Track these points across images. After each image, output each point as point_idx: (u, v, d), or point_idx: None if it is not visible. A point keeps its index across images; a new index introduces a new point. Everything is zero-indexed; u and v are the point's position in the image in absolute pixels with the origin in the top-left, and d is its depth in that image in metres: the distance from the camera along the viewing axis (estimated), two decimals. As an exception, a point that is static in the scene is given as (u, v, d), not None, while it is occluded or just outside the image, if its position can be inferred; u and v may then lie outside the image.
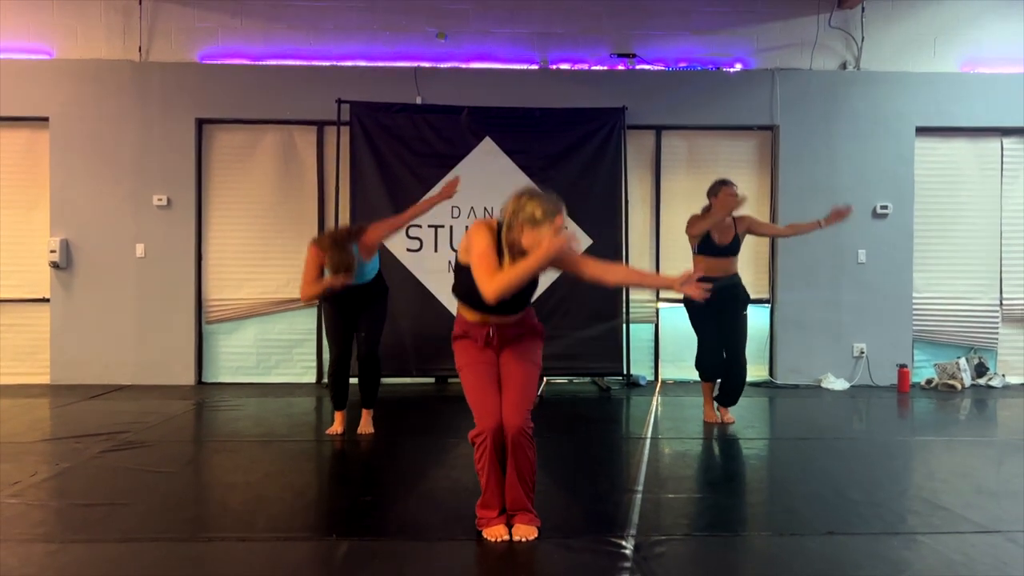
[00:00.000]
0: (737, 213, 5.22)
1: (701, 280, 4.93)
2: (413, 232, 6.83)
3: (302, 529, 3.07)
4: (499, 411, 2.95)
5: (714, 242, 5.15)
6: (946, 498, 3.52)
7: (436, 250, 6.89)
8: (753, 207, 7.20)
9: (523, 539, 2.91)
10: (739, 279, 5.28)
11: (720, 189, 5.11)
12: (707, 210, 5.18)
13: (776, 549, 2.90)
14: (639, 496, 3.49)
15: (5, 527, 3.04)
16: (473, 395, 3.01)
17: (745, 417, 5.52)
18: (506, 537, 2.92)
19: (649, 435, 4.91)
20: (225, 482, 3.80)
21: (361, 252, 4.63)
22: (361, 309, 4.87)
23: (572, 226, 6.93)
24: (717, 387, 5.34)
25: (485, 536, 2.94)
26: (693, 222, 5.16)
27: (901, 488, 3.70)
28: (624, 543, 2.87)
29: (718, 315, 5.10)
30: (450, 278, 6.83)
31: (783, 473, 4.15)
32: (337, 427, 4.91)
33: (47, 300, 6.92)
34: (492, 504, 3.00)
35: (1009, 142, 7.28)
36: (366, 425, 4.98)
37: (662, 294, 7.16)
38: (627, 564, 2.67)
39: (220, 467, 4.13)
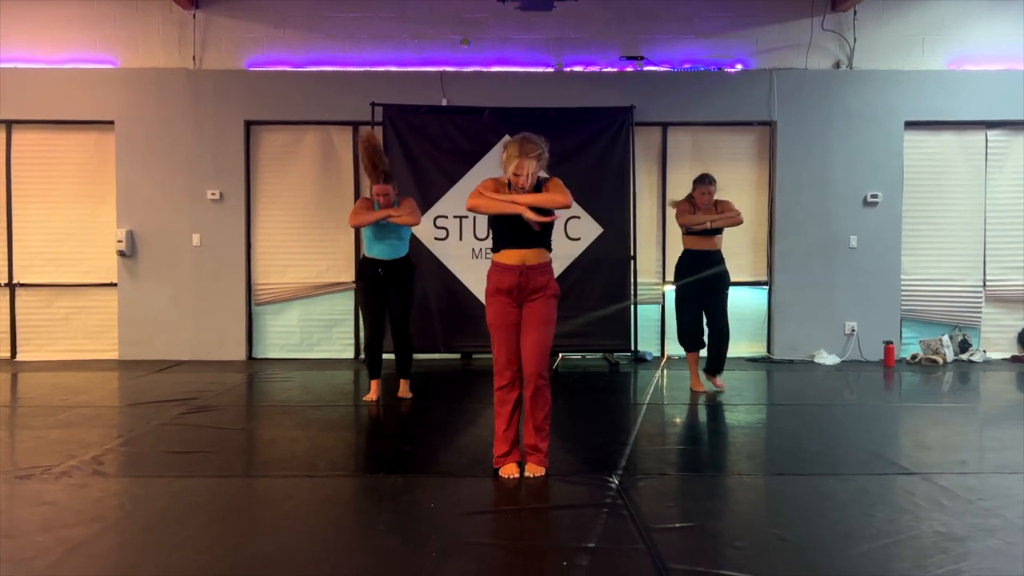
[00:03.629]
0: (717, 197, 5.91)
1: (688, 251, 5.67)
2: (440, 223, 7.55)
3: (355, 469, 3.84)
4: (516, 364, 3.67)
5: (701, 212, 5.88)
6: (888, 450, 4.19)
7: (461, 238, 7.59)
8: (752, 197, 7.85)
9: (532, 476, 3.63)
10: (721, 258, 5.93)
11: (696, 188, 5.89)
12: (690, 198, 5.87)
13: (730, 485, 3.60)
14: (629, 447, 4.20)
15: (124, 467, 3.84)
16: (498, 349, 3.70)
17: (738, 387, 6.19)
18: (517, 474, 3.65)
19: (647, 402, 5.61)
20: (288, 436, 4.56)
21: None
22: (391, 288, 5.64)
23: (584, 215, 7.61)
24: (704, 361, 5.99)
25: (500, 474, 3.66)
26: (682, 212, 5.91)
27: (855, 443, 4.36)
28: (612, 480, 3.59)
29: (704, 296, 5.84)
30: (474, 264, 7.57)
31: (758, 432, 4.83)
32: (372, 395, 5.66)
33: (115, 285, 7.75)
34: (505, 446, 3.71)
35: (993, 134, 7.81)
36: (404, 391, 5.77)
37: (667, 277, 7.81)
38: (611, 493, 3.39)
39: (281, 425, 4.90)
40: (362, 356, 7.62)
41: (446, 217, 7.54)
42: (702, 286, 5.85)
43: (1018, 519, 3.07)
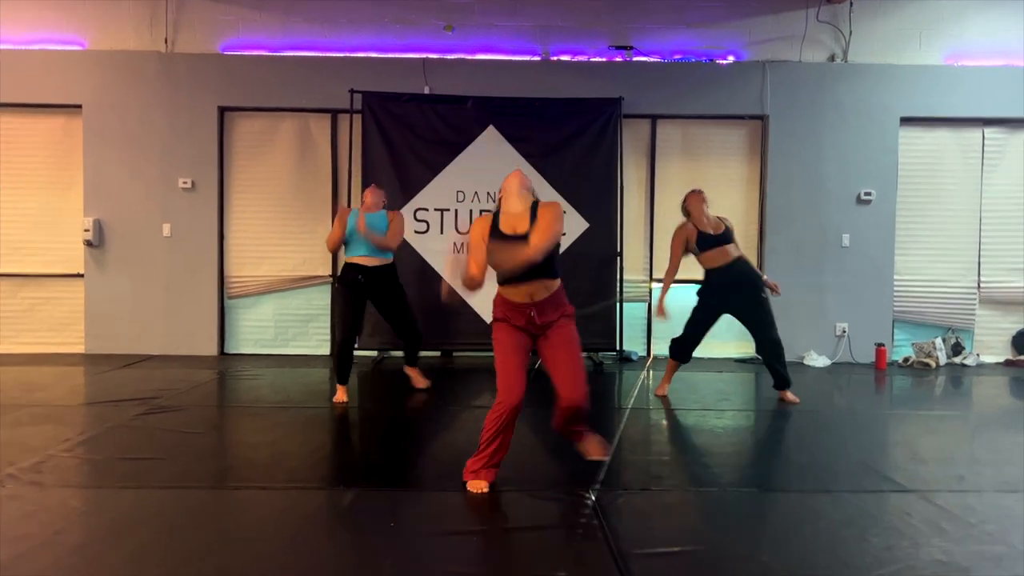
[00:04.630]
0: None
1: (709, 271, 5.40)
2: (421, 216, 7.29)
3: (315, 480, 3.58)
4: (521, 390, 3.35)
5: (709, 234, 5.48)
6: (882, 463, 3.98)
7: (442, 232, 7.33)
8: (743, 193, 7.64)
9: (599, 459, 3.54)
10: (746, 263, 5.55)
11: (688, 196, 5.59)
12: (687, 214, 5.58)
13: (715, 502, 3.36)
14: (609, 457, 3.96)
15: (66, 476, 3.57)
16: (501, 371, 3.40)
17: (725, 391, 5.98)
18: (485, 490, 3.40)
19: (631, 405, 5.38)
20: (248, 441, 4.32)
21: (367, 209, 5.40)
22: (378, 295, 5.41)
23: (570, 210, 7.37)
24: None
25: (469, 488, 3.42)
26: (675, 236, 5.58)
27: (847, 454, 4.14)
28: (588, 496, 3.36)
29: (733, 307, 5.47)
30: (456, 261, 7.32)
31: (745, 440, 4.61)
32: (341, 396, 5.37)
33: (81, 275, 7.46)
34: (481, 463, 3.45)
35: (990, 132, 7.61)
36: (419, 380, 5.73)
37: (655, 275, 7.57)
38: (587, 512, 3.16)
39: (244, 428, 4.65)
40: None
41: (427, 210, 7.29)
42: (731, 302, 5.48)
43: (1022, 545, 2.86)
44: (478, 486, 3.42)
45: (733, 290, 5.43)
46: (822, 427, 4.85)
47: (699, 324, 5.58)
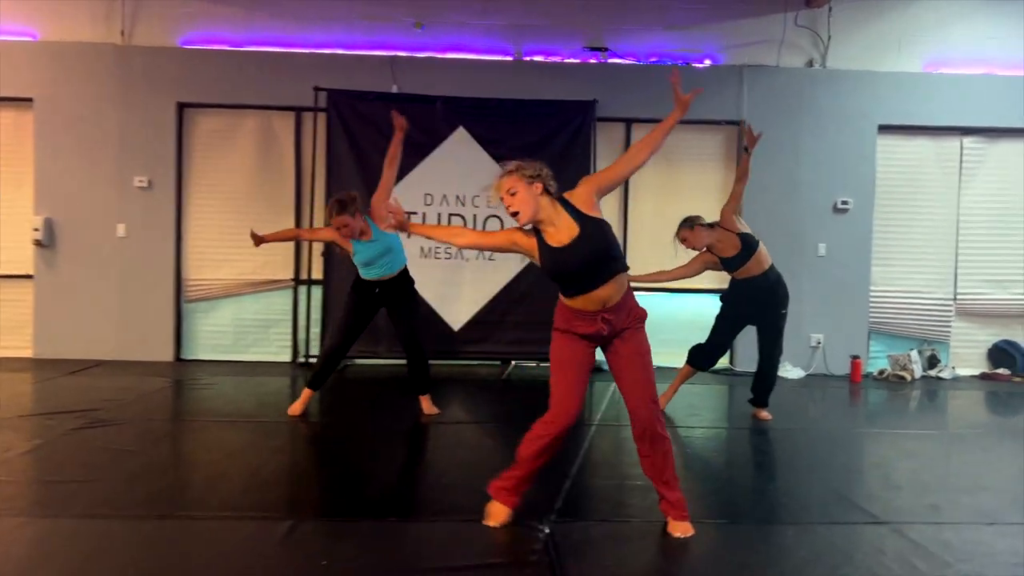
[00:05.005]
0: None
1: (744, 281, 5.17)
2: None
3: (250, 508, 3.32)
4: (577, 410, 3.06)
5: (728, 258, 5.25)
6: (854, 489, 3.79)
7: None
8: (718, 200, 7.37)
9: (682, 536, 3.08)
10: (777, 275, 5.30)
11: (684, 233, 5.27)
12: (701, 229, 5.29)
13: (673, 537, 3.13)
14: (569, 481, 3.75)
15: (-24, 501, 3.30)
16: (557, 386, 3.08)
17: (697, 405, 5.79)
18: (502, 523, 3.11)
19: (598, 421, 5.17)
20: (188, 460, 4.06)
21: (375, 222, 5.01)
22: (389, 306, 5.10)
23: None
24: (754, 390, 5.46)
25: (488, 509, 3.13)
26: (695, 260, 5.36)
27: (817, 479, 3.96)
28: (542, 527, 3.13)
29: (755, 317, 5.29)
30: (422, 264, 7.08)
31: (712, 462, 4.42)
32: (298, 405, 5.09)
33: (31, 277, 7.13)
34: (512, 482, 3.12)
35: (969, 141, 7.49)
36: (429, 407, 5.22)
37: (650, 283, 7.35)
38: (538, 547, 2.94)
39: (185, 446, 4.38)
40: (301, 360, 7.14)
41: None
42: (760, 315, 5.28)
43: (1000, 587, 2.68)
44: (496, 517, 3.13)
45: (766, 303, 5.23)
46: (794, 448, 4.67)
47: (726, 327, 5.39)
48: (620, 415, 5.41)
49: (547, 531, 3.10)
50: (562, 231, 3.01)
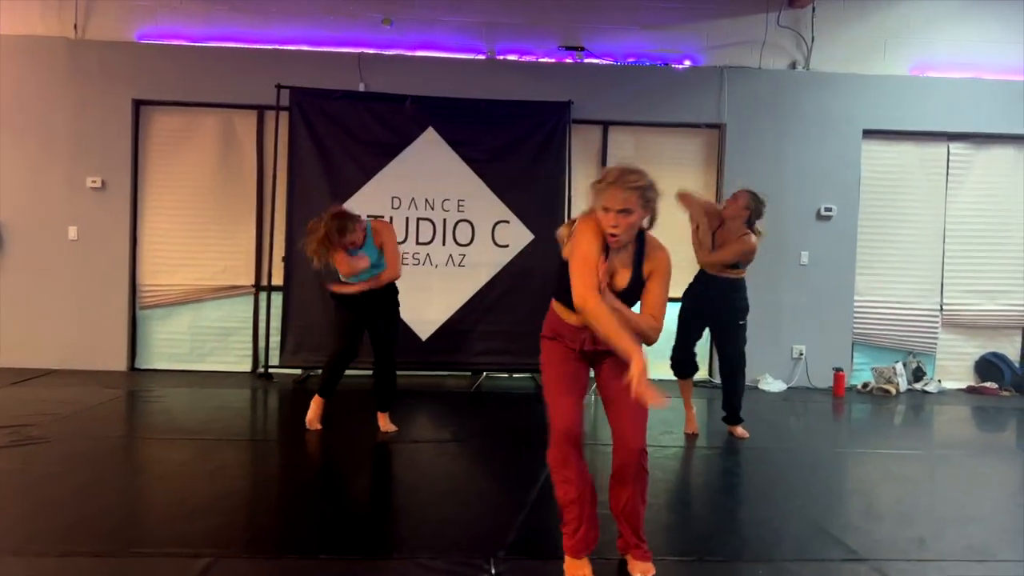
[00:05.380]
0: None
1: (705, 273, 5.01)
2: (352, 222, 6.72)
3: (167, 543, 3.00)
4: (574, 421, 2.73)
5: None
6: (832, 520, 3.51)
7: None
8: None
9: None
10: (731, 282, 5.04)
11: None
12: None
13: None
14: (525, 511, 3.45)
15: None
16: (553, 398, 2.78)
17: (670, 420, 5.50)
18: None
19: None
20: (111, 485, 3.72)
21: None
22: (373, 313, 4.81)
23: (513, 220, 6.88)
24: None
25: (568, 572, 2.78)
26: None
27: (793, 507, 3.68)
28: (487, 567, 2.84)
29: (708, 318, 5.08)
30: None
31: (681, 488, 4.14)
32: (314, 415, 4.87)
33: (-23, 281, 6.79)
34: (572, 531, 2.79)
35: (956, 147, 7.26)
36: (386, 424, 4.93)
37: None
38: (482, 590, 2.64)
39: (112, 468, 4.04)
40: (261, 371, 6.82)
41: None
42: (707, 308, 5.09)
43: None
44: (575, 573, 2.79)
45: (709, 306, 5.04)
46: (770, 471, 4.39)
47: (681, 327, 5.18)
48: (588, 432, 5.12)
49: (493, 571, 2.80)
50: (621, 266, 2.75)
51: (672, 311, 5.03)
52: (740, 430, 5.10)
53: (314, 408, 4.92)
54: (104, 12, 6.82)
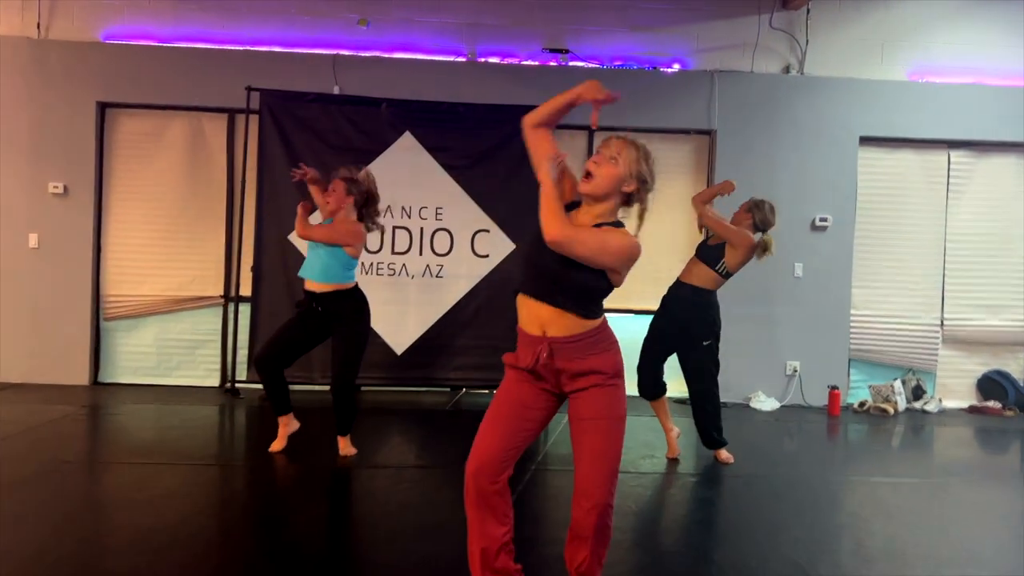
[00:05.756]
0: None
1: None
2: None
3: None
4: (494, 452, 2.45)
5: (708, 245, 4.84)
6: (819, 561, 3.20)
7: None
8: (685, 215, 6.84)
9: None
10: (702, 296, 4.74)
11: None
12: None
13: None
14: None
15: None
16: (480, 434, 2.50)
17: (654, 443, 5.20)
18: None
19: (536, 465, 4.57)
20: (44, 518, 3.42)
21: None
22: (332, 327, 4.48)
23: (494, 229, 6.59)
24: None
25: None
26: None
27: (775, 547, 3.37)
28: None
29: (670, 337, 4.75)
30: (365, 281, 6.46)
31: (658, 520, 3.83)
32: (281, 438, 4.58)
33: (-67, 290, 6.50)
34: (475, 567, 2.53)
35: (957, 155, 6.96)
36: (346, 448, 4.58)
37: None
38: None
39: (36, 497, 3.74)
40: (227, 386, 6.52)
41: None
42: (670, 327, 4.79)
43: None
44: None
45: (672, 324, 4.73)
46: (755, 502, 4.08)
47: (644, 344, 4.85)
48: (567, 452, 4.82)
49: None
50: (581, 219, 2.52)
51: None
52: (724, 454, 4.79)
53: (280, 430, 4.62)
54: (69, 11, 6.56)
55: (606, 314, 2.56)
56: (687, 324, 4.70)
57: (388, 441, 5.16)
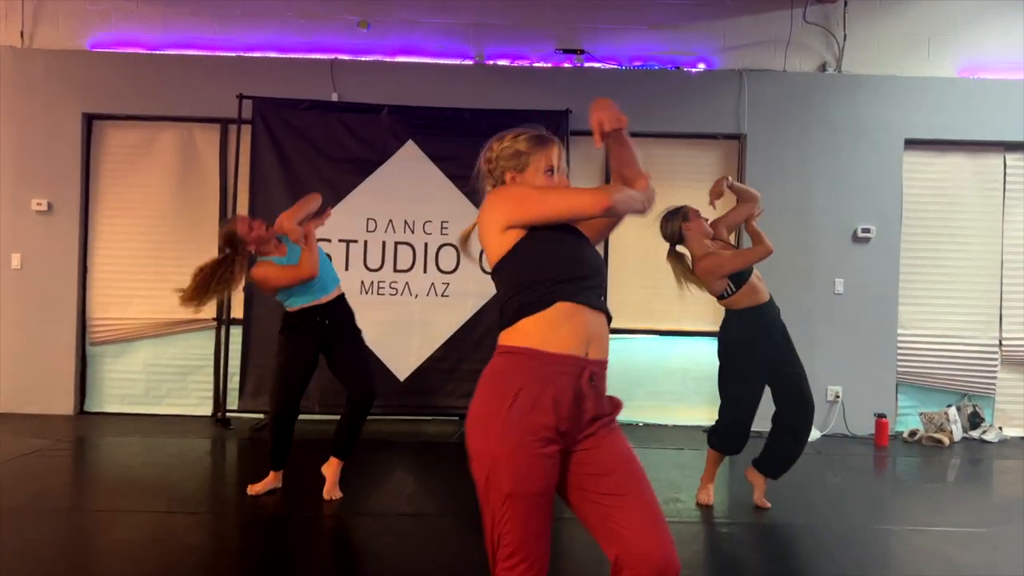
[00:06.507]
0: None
1: (753, 310, 4.03)
2: (323, 247, 5.98)
3: None
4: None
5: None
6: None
7: (347, 268, 6.02)
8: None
9: None
10: (777, 311, 4.25)
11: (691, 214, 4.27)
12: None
13: None
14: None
15: None
16: (510, 529, 1.86)
17: (678, 481, 4.64)
18: None
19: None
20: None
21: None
22: (331, 340, 4.04)
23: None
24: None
25: None
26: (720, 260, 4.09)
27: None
28: None
29: (773, 360, 4.03)
30: (363, 301, 6.02)
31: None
32: (263, 484, 4.10)
33: (-89, 314, 6.15)
34: None
35: (1013, 158, 6.34)
36: (332, 487, 4.06)
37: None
38: None
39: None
40: (219, 416, 6.06)
41: (329, 241, 5.97)
42: (773, 347, 4.05)
43: None
44: None
45: (774, 342, 4.06)
46: (787, 563, 3.49)
47: (748, 380, 4.04)
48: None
49: None
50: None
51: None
52: (760, 494, 4.15)
53: (268, 478, 4.13)
54: (53, 18, 6.22)
55: (630, 334, 2.05)
56: (787, 347, 4.11)
57: (383, 479, 4.64)
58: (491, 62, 6.31)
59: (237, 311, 6.08)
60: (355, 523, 3.80)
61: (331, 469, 4.10)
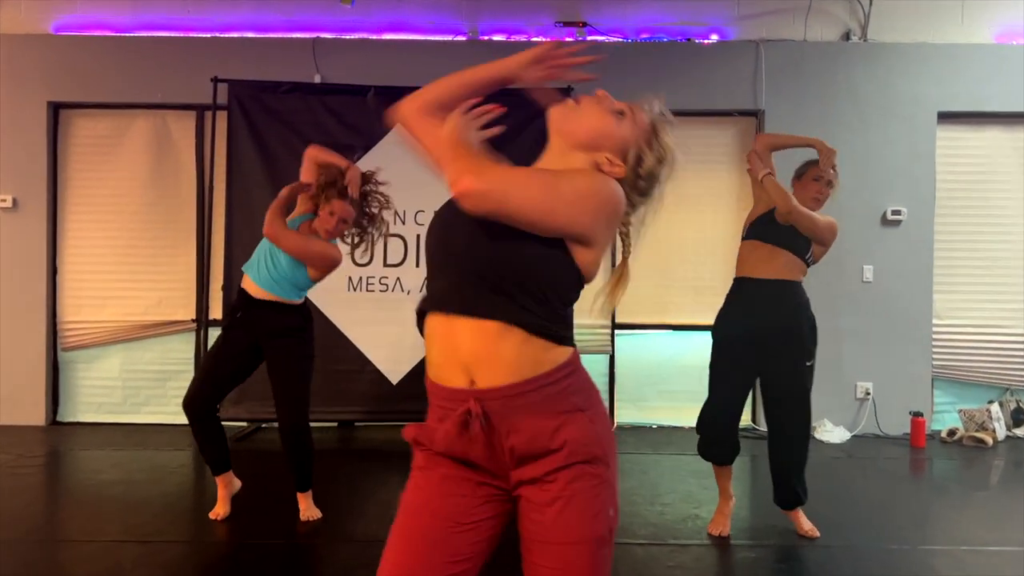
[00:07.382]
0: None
1: (742, 279, 3.54)
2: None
3: None
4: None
5: (766, 221, 3.64)
6: None
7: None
8: (732, 211, 5.88)
9: None
10: (799, 292, 3.65)
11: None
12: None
13: None
14: None
15: None
16: (385, 554, 1.51)
17: (696, 497, 4.17)
18: None
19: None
20: None
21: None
22: (264, 347, 3.59)
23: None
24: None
25: None
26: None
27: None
28: None
29: (759, 360, 3.49)
30: (349, 299, 5.59)
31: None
32: (221, 503, 3.68)
33: None
34: None
35: (1057, 132, 5.84)
36: (307, 510, 3.67)
37: (619, 318, 5.79)
38: None
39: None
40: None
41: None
42: (759, 345, 3.48)
43: None
44: None
45: (761, 340, 3.46)
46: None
47: (725, 379, 3.50)
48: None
49: None
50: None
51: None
52: (806, 523, 3.56)
53: (220, 492, 3.71)
54: (15, 0, 5.79)
55: (641, 330, 1.59)
56: (786, 333, 3.55)
57: (369, 495, 4.20)
58: (486, 38, 5.88)
59: (216, 312, 5.65)
60: (335, 549, 3.36)
61: (300, 496, 3.68)
